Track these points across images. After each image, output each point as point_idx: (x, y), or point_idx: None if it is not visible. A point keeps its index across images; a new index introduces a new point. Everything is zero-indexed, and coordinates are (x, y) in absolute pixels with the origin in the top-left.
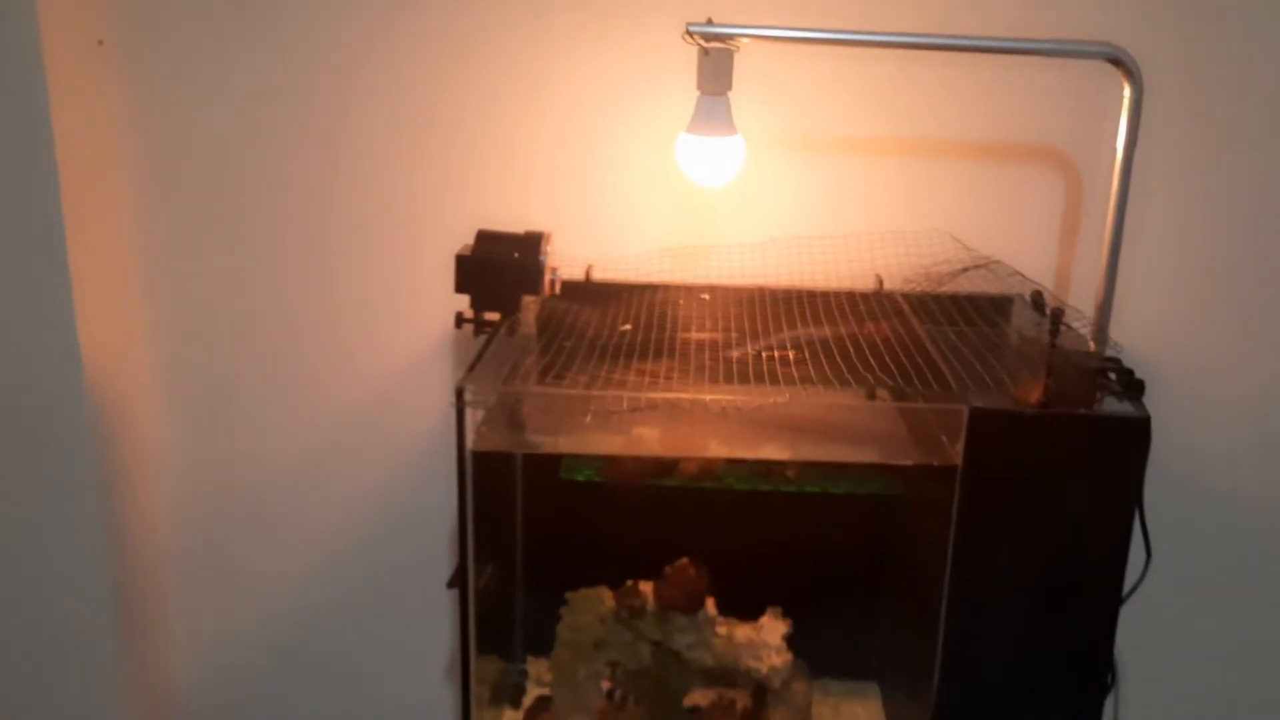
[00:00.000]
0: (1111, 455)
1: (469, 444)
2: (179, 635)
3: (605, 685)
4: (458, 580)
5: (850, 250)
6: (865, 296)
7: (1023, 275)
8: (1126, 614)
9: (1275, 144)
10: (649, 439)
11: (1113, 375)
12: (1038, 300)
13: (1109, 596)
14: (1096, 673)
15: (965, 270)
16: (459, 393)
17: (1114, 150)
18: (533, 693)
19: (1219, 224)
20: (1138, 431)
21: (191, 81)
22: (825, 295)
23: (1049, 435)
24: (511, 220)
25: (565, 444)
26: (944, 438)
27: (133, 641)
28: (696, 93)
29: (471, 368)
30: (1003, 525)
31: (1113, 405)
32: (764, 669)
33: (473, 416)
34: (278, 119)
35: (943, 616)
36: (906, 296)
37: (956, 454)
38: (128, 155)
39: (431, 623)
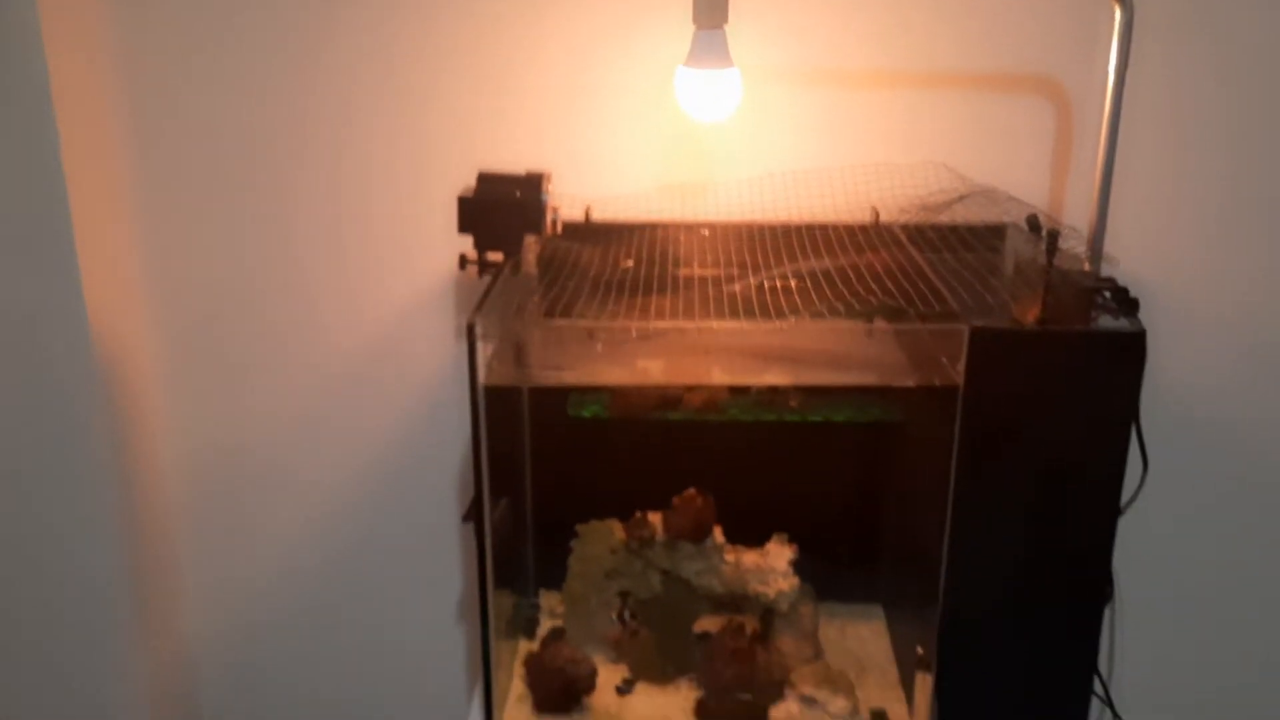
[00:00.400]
0: (1108, 370)
1: (481, 379)
2: (192, 590)
3: (616, 614)
4: (473, 514)
5: (847, 183)
6: (863, 228)
7: (1018, 200)
8: (1124, 530)
9: (1266, 65)
10: (654, 371)
11: (1108, 294)
12: (1034, 223)
13: (1107, 509)
14: (1096, 585)
15: (961, 199)
16: (470, 328)
17: (1106, 75)
18: (546, 624)
19: (1210, 146)
20: (1133, 346)
21: (187, 33)
22: (823, 228)
23: (1047, 352)
24: (512, 162)
25: (573, 377)
26: (945, 359)
27: (145, 598)
28: (693, 27)
29: (480, 304)
30: (1004, 442)
31: (1108, 322)
32: (771, 593)
33: (483, 352)
34: (275, 68)
35: (946, 534)
36: (904, 227)
37: (958, 374)
38: (125, 107)
39: (443, 563)
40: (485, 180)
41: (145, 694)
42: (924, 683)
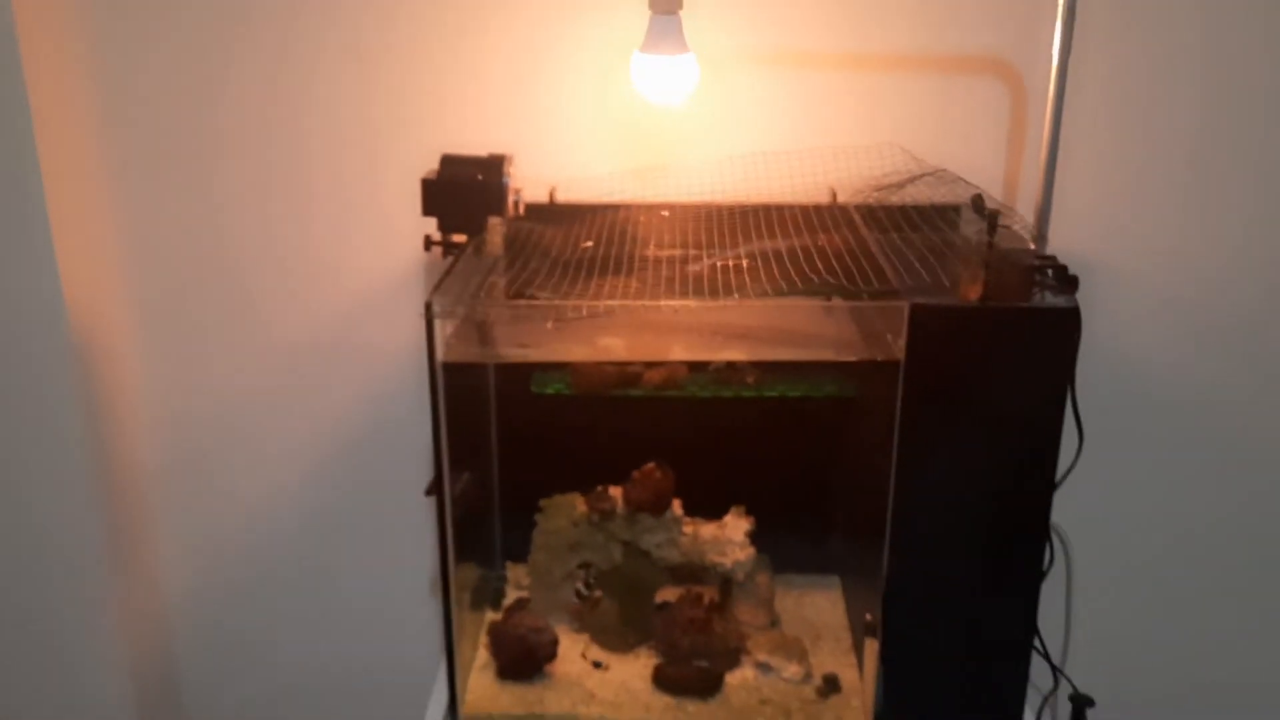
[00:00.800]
0: (1044, 345)
1: (439, 355)
2: (166, 553)
3: (581, 584)
4: (435, 487)
5: (805, 165)
6: (819, 210)
7: (965, 181)
8: (1077, 497)
9: (1210, 47)
10: (615, 348)
11: (1049, 271)
12: (978, 204)
13: (1044, 478)
14: (1034, 550)
15: (912, 180)
16: (428, 306)
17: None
18: (512, 596)
19: (1156, 127)
20: (1068, 321)
21: (158, 14)
22: (780, 209)
23: (985, 327)
24: (477, 146)
25: (530, 354)
26: (889, 335)
27: (122, 560)
28: (649, 12)
29: (438, 284)
30: (944, 415)
31: (1045, 299)
32: (728, 563)
33: (442, 330)
34: (244, 51)
35: (890, 504)
36: (859, 208)
37: (900, 349)
38: (96, 86)
39: (415, 535)
40: (448, 162)
41: (123, 653)
42: (872, 648)
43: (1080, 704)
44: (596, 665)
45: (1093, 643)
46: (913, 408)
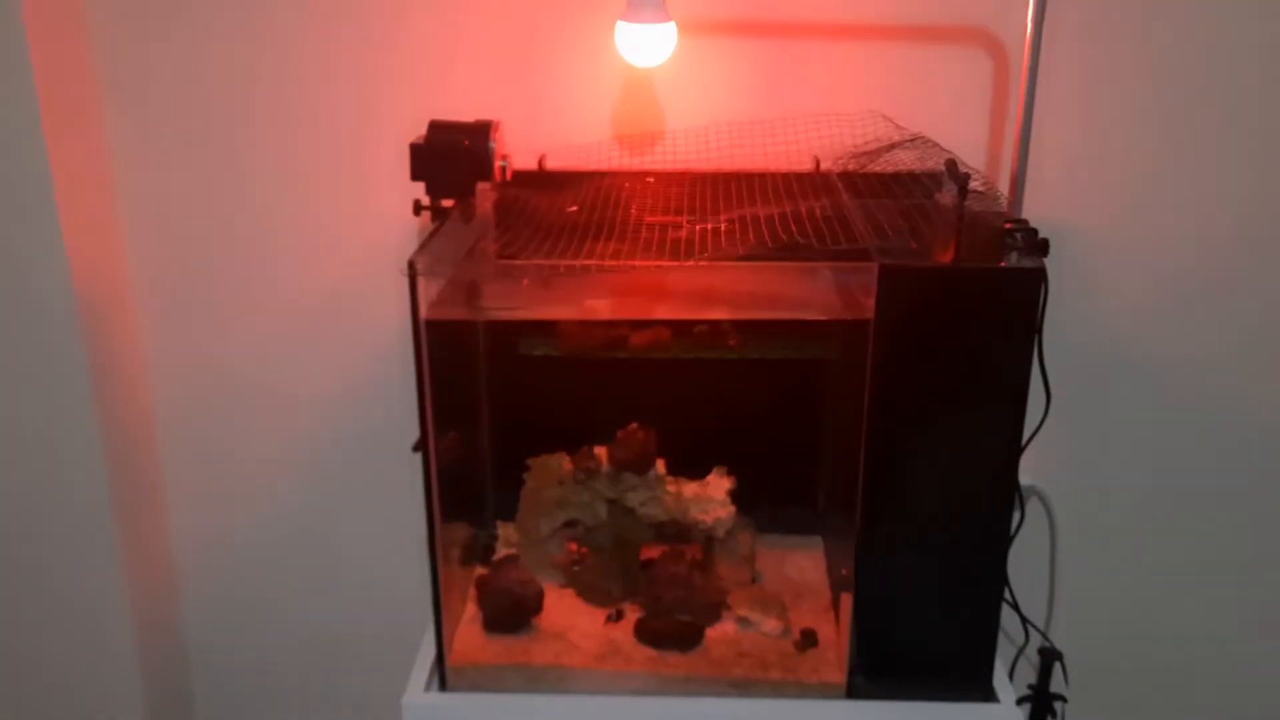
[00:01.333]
0: (1010, 305)
1: (423, 314)
2: (172, 510)
3: (569, 544)
4: (421, 444)
5: (789, 133)
6: (802, 176)
7: (941, 148)
8: (1058, 459)
9: (1189, 16)
10: (599, 309)
11: (1018, 235)
12: (952, 169)
13: (1010, 436)
14: (1004, 508)
15: (891, 148)
16: (410, 265)
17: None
18: (502, 553)
19: (1132, 96)
20: (1032, 281)
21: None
22: (764, 176)
23: (951, 287)
24: (472, 113)
25: (513, 313)
26: (861, 296)
27: (129, 519)
28: None
29: (423, 245)
30: (913, 373)
31: (1011, 260)
32: (709, 521)
33: (427, 290)
34: (239, 23)
35: (861, 459)
36: (841, 175)
37: (870, 309)
38: (101, 58)
39: (412, 493)
40: (436, 128)
41: (130, 609)
42: (846, 601)
43: (1048, 657)
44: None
45: (1079, 604)
46: (883, 366)
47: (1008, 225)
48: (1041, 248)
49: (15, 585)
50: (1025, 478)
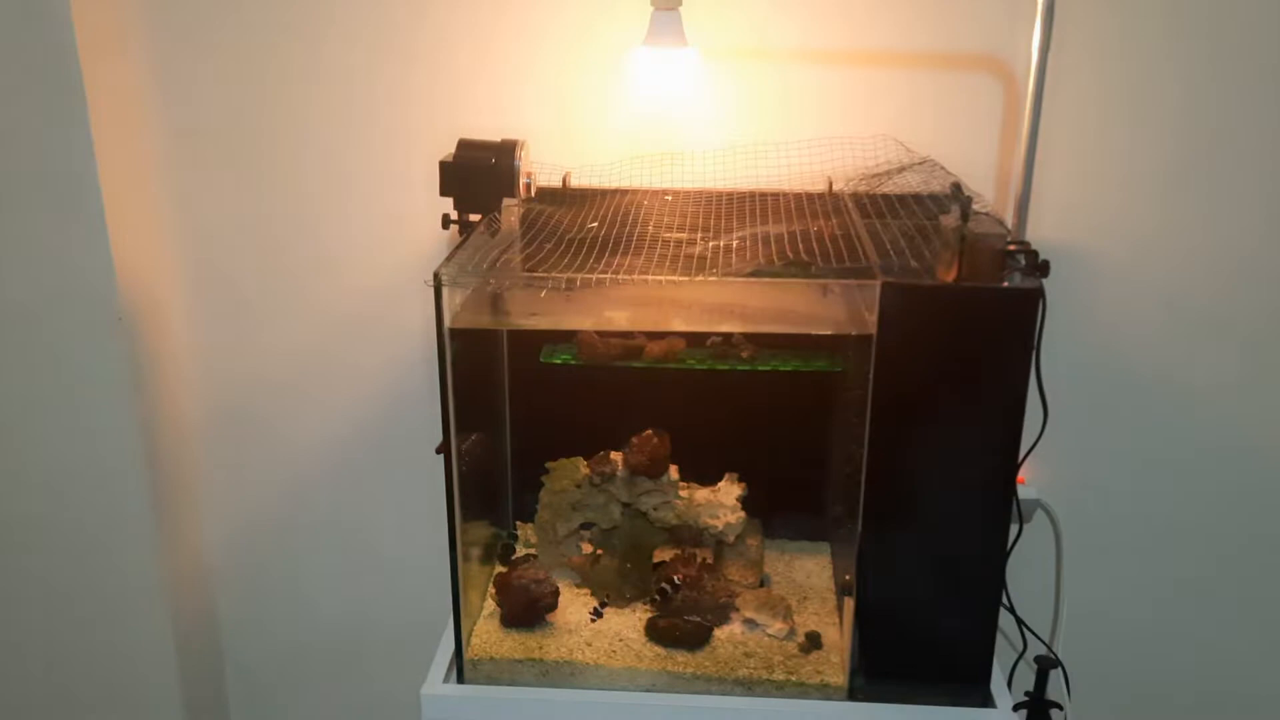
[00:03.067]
0: (1008, 323)
1: (447, 322)
2: (207, 503)
3: (584, 545)
4: (444, 447)
5: (804, 156)
6: (815, 197)
7: (946, 171)
8: (1064, 474)
9: (1190, 41)
10: (617, 321)
11: (1020, 256)
12: (957, 191)
13: (1008, 451)
14: (1001, 519)
15: (900, 170)
16: (436, 275)
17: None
18: (522, 553)
19: (1139, 122)
20: (1030, 301)
21: (211, 8)
22: (778, 196)
23: (950, 305)
24: (497, 131)
25: (535, 322)
26: (866, 313)
27: (168, 511)
28: (650, 8)
29: (449, 257)
30: (912, 386)
31: (1011, 280)
32: (720, 525)
33: (451, 300)
34: (284, 45)
35: (863, 470)
36: (852, 196)
37: (873, 325)
38: (149, 72)
39: (438, 494)
40: (464, 146)
41: (167, 599)
42: (848, 606)
43: (1045, 665)
44: (599, 610)
45: (1084, 615)
46: (885, 379)
47: (1011, 247)
48: (1043, 269)
49: (59, 577)
50: (1031, 491)
